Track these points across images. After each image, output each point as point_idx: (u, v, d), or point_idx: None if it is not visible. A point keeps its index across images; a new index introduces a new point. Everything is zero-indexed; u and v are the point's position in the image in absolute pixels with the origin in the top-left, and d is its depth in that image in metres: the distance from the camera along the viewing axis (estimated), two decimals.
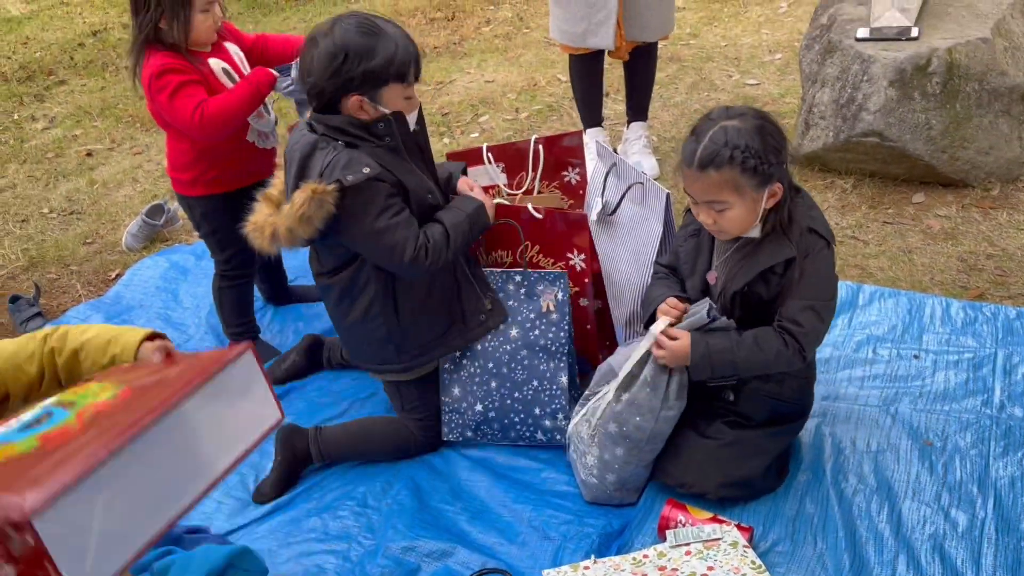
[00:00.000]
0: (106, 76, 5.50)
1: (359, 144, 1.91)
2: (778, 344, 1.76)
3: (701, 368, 1.79)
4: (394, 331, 2.06)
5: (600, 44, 3.19)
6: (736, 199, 1.71)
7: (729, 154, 1.67)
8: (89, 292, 3.17)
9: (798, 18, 4.82)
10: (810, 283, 1.77)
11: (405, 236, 1.91)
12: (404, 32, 1.93)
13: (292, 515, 2.08)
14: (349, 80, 1.86)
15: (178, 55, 2.20)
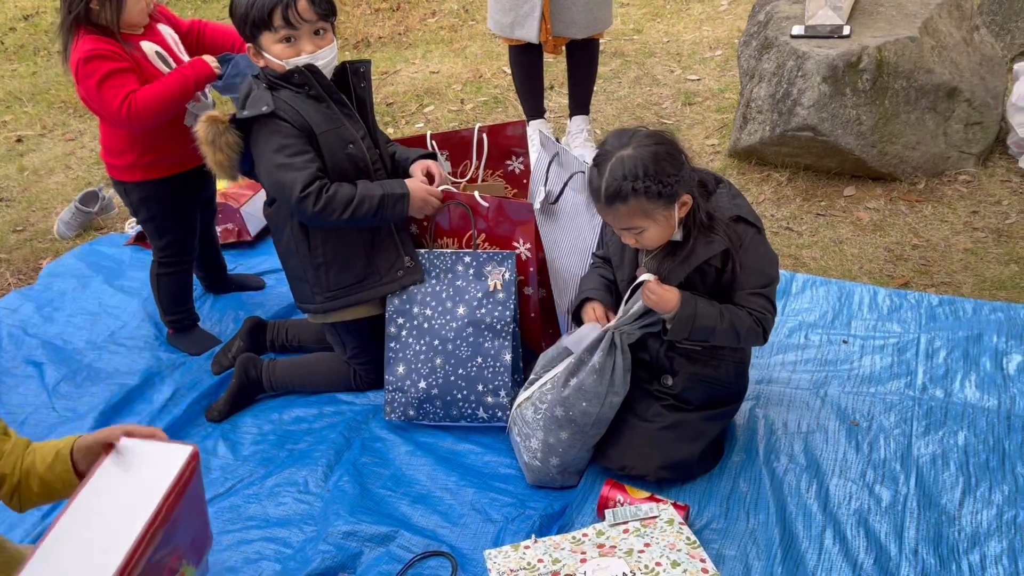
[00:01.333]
0: (37, 61, 5.33)
1: (279, 89, 2.04)
2: (749, 323, 1.83)
3: (682, 325, 1.82)
4: (308, 270, 2.18)
5: (526, 36, 3.22)
6: (648, 223, 1.78)
7: (631, 187, 1.72)
8: (19, 281, 3.09)
9: (738, 16, 4.93)
10: (753, 270, 1.84)
11: (295, 177, 2.00)
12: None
13: (232, 501, 2.06)
14: (240, 30, 2.05)
15: (109, 39, 2.15)
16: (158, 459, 1.33)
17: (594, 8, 3.22)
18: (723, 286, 1.87)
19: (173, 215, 2.43)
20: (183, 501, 1.31)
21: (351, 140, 2.10)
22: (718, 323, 1.82)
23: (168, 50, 2.28)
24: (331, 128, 2.06)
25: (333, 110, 2.08)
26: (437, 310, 2.19)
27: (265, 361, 2.37)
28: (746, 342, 1.89)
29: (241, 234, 3.09)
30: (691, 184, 1.80)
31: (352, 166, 2.10)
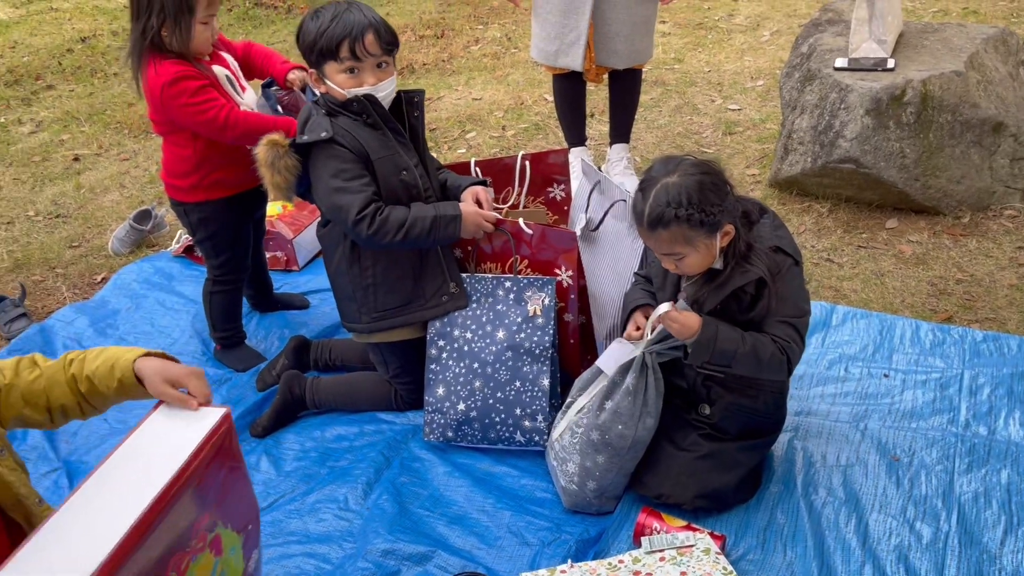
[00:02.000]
0: (95, 82, 5.51)
1: (338, 115, 2.10)
2: (773, 350, 1.82)
3: (703, 348, 1.81)
4: (357, 290, 2.23)
5: (570, 64, 3.27)
6: (689, 250, 1.80)
7: (673, 213, 1.74)
8: (74, 295, 3.19)
9: (780, 47, 4.95)
10: (784, 299, 1.85)
11: (352, 200, 2.06)
12: (350, 14, 2.04)
13: (274, 516, 2.10)
14: (305, 58, 2.11)
15: (187, 63, 2.24)
16: (191, 421, 1.38)
17: (636, 40, 3.26)
18: (756, 315, 1.88)
19: (229, 234, 2.51)
20: (212, 462, 1.35)
21: (404, 167, 2.16)
22: (739, 347, 1.81)
23: (234, 75, 2.37)
24: (386, 155, 2.13)
25: (388, 138, 2.14)
26: (477, 333, 2.23)
27: (309, 379, 2.42)
28: (768, 370, 1.85)
29: (289, 264, 3.18)
30: (734, 214, 1.81)
31: (405, 192, 2.16)
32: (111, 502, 1.20)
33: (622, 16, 3.17)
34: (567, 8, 3.17)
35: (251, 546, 1.51)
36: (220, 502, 1.39)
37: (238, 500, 1.45)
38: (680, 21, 5.56)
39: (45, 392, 1.50)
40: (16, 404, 1.47)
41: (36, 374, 1.51)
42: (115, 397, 1.53)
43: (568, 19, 3.18)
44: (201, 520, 1.33)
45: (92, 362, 1.52)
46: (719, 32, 5.32)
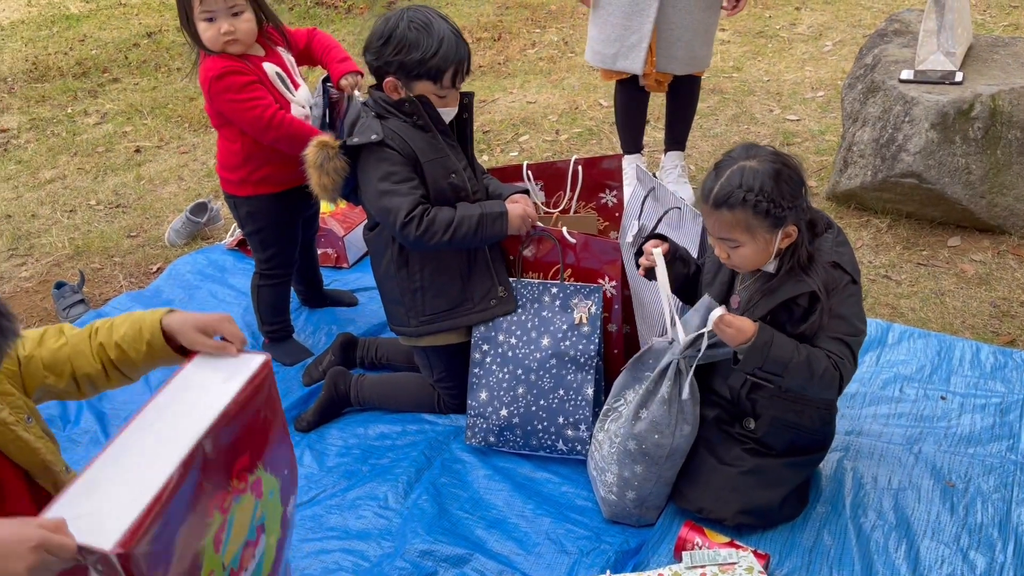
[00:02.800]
0: (158, 76, 5.64)
1: (388, 117, 2.10)
2: (827, 364, 1.76)
3: (756, 354, 1.74)
4: (405, 294, 2.23)
5: (629, 68, 3.22)
6: (747, 239, 1.75)
7: (742, 196, 1.70)
8: (130, 284, 3.26)
9: (843, 57, 4.84)
10: (839, 317, 1.79)
11: (400, 202, 2.06)
12: (455, 38, 2.07)
13: (315, 511, 2.12)
14: (387, 63, 2.07)
15: (233, 58, 2.27)
16: (231, 366, 1.38)
17: (696, 46, 3.21)
18: (807, 330, 1.83)
19: (277, 230, 2.54)
20: (253, 407, 1.35)
21: (453, 170, 2.16)
22: (794, 356, 1.74)
23: (287, 72, 2.39)
24: (436, 157, 2.13)
25: (438, 140, 2.14)
26: (522, 339, 2.22)
27: (354, 376, 2.44)
28: (820, 386, 1.78)
29: (339, 260, 3.21)
30: (802, 218, 1.77)
31: (454, 194, 2.16)
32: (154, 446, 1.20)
33: (685, 21, 3.12)
34: (631, 10, 3.13)
35: (288, 491, 1.52)
36: (260, 446, 1.39)
37: (276, 445, 1.46)
38: (740, 29, 5.48)
39: (69, 360, 1.50)
40: (39, 374, 1.48)
41: (61, 342, 1.51)
42: (145, 362, 1.52)
43: (631, 21, 3.14)
44: (242, 462, 1.33)
45: (119, 328, 1.51)
46: (780, 41, 5.24)
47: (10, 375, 1.45)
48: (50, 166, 4.37)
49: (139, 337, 1.49)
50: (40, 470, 1.43)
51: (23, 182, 4.20)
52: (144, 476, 1.13)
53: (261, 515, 1.41)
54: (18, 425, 1.40)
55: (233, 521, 1.30)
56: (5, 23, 7.08)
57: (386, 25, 2.06)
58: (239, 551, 1.33)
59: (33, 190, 4.10)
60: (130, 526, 1.06)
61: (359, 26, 6.41)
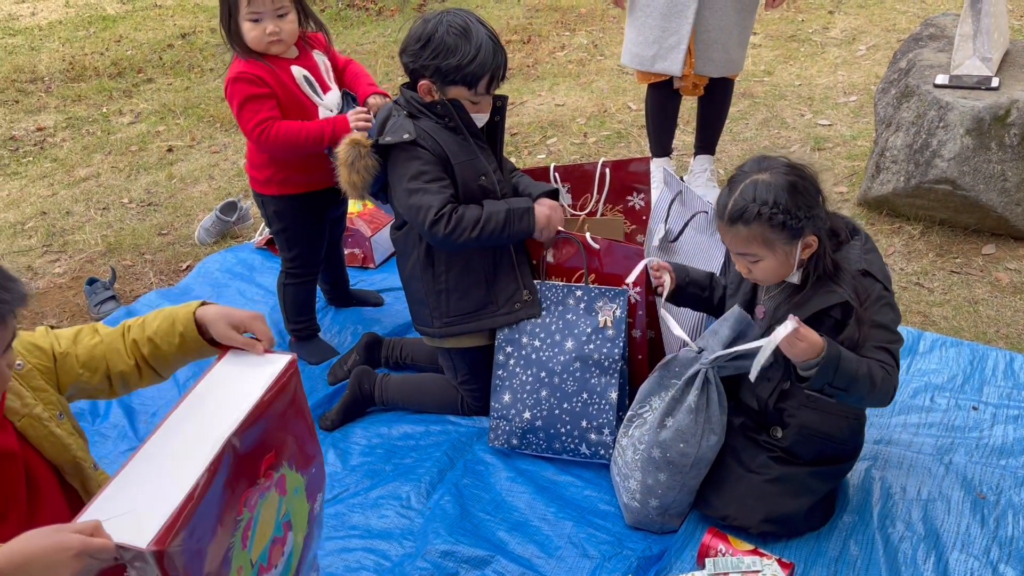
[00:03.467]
0: (191, 77, 5.71)
1: (420, 117, 2.10)
2: (883, 374, 1.71)
3: (829, 369, 1.65)
4: (430, 294, 2.22)
5: (668, 69, 3.20)
6: (766, 252, 1.73)
7: (757, 210, 1.68)
8: (160, 281, 3.29)
9: (876, 61, 4.79)
10: (878, 326, 1.76)
11: (430, 202, 2.06)
12: (493, 45, 2.06)
13: (338, 509, 2.13)
14: (424, 67, 2.07)
15: (258, 62, 2.29)
16: (257, 366, 1.40)
17: (732, 49, 3.19)
18: (845, 342, 1.80)
19: (303, 230, 2.55)
20: (279, 406, 1.36)
21: (483, 172, 2.16)
22: (859, 368, 1.67)
23: (317, 76, 2.39)
24: (466, 159, 2.13)
25: (468, 142, 2.14)
26: (546, 342, 2.21)
27: (379, 376, 2.44)
28: (878, 397, 1.73)
29: (366, 261, 3.23)
30: (821, 227, 1.74)
31: (483, 196, 2.16)
32: (185, 445, 1.23)
33: (722, 23, 3.10)
34: (669, 11, 3.11)
35: (314, 488, 1.54)
36: (285, 443, 1.41)
37: (302, 442, 1.47)
38: (772, 33, 5.44)
39: (104, 358, 1.52)
40: (73, 371, 1.51)
41: (96, 340, 1.53)
42: (177, 356, 1.54)
43: (670, 22, 3.12)
44: (268, 459, 1.35)
45: (151, 324, 1.53)
46: (812, 45, 5.18)
47: (44, 372, 1.47)
48: (85, 164, 4.44)
49: (172, 330, 1.51)
50: (71, 466, 1.45)
51: (58, 180, 4.27)
52: (177, 475, 1.16)
53: (286, 512, 1.42)
54: (51, 421, 1.42)
55: (259, 517, 1.31)
56: (43, 24, 7.22)
57: (425, 28, 2.06)
58: (267, 547, 1.34)
59: (68, 187, 4.17)
60: (165, 524, 1.08)
61: (389, 28, 6.44)
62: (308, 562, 1.56)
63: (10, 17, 7.47)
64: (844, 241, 1.80)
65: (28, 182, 4.26)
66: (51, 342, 1.51)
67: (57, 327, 2.97)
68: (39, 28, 7.09)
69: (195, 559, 1.14)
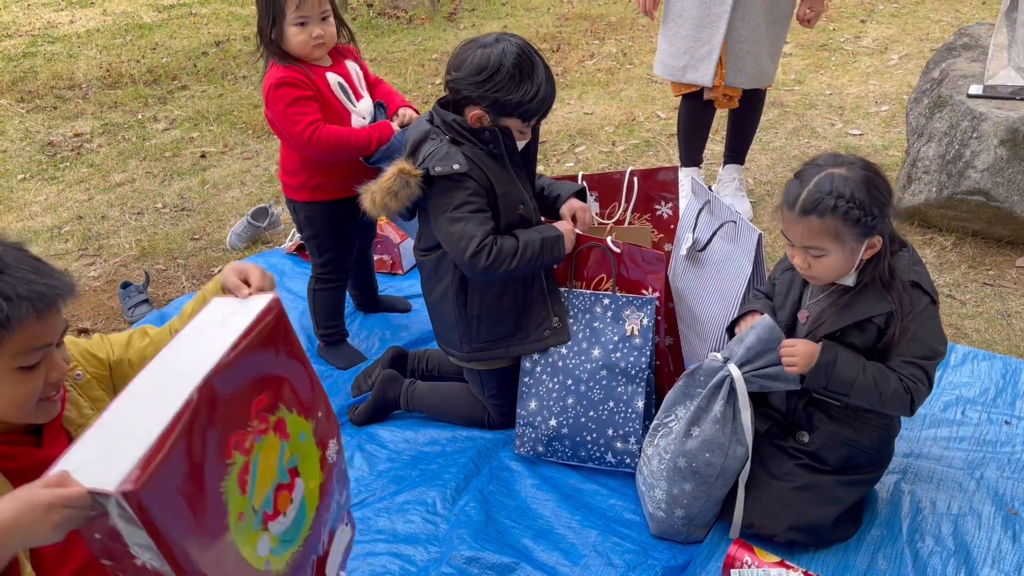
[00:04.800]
0: (225, 84, 5.80)
1: (463, 143, 2.06)
2: (897, 386, 1.73)
3: (820, 373, 1.75)
4: (461, 320, 2.21)
5: (699, 80, 3.19)
6: (834, 247, 1.71)
7: (833, 203, 1.67)
8: (193, 285, 3.34)
9: (908, 71, 4.74)
10: (917, 339, 1.75)
11: (473, 233, 2.04)
12: (550, 79, 2.05)
13: (364, 513, 2.14)
14: (482, 96, 2.02)
15: (296, 67, 2.33)
16: (239, 309, 1.36)
17: (763, 60, 3.17)
18: (881, 349, 1.79)
19: (333, 236, 2.58)
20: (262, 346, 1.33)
21: (522, 200, 2.16)
22: (859, 376, 1.72)
23: (351, 84, 2.43)
24: (509, 189, 2.12)
25: (508, 169, 2.13)
26: (572, 350, 2.21)
27: (405, 383, 2.45)
28: (890, 407, 1.77)
29: (395, 267, 3.26)
30: (886, 230, 1.73)
31: (521, 225, 2.16)
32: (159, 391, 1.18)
33: (755, 34, 3.09)
34: (701, 21, 3.11)
35: (325, 434, 1.50)
36: (278, 386, 1.38)
37: (300, 386, 1.43)
38: (803, 42, 5.41)
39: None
40: (127, 377, 1.51)
41: (146, 342, 1.55)
42: None
43: (701, 33, 3.12)
44: (259, 402, 1.32)
45: (188, 308, 1.55)
46: (843, 54, 5.15)
47: (100, 380, 1.50)
48: (120, 170, 4.52)
49: (202, 301, 1.50)
50: None
51: (94, 184, 4.35)
52: (150, 419, 1.11)
53: (291, 458, 1.39)
54: None
55: (258, 462, 1.28)
56: (81, 31, 7.36)
57: (488, 60, 1.99)
58: (270, 494, 1.32)
59: (104, 192, 4.24)
60: (134, 466, 1.03)
61: (420, 36, 6.49)
62: (334, 514, 1.54)
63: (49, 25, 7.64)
64: (895, 251, 1.80)
65: (65, 187, 4.34)
66: (107, 350, 1.53)
67: (92, 330, 3.03)
68: (77, 36, 7.23)
69: (175, 502, 1.10)
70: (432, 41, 6.34)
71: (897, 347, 1.76)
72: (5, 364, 1.23)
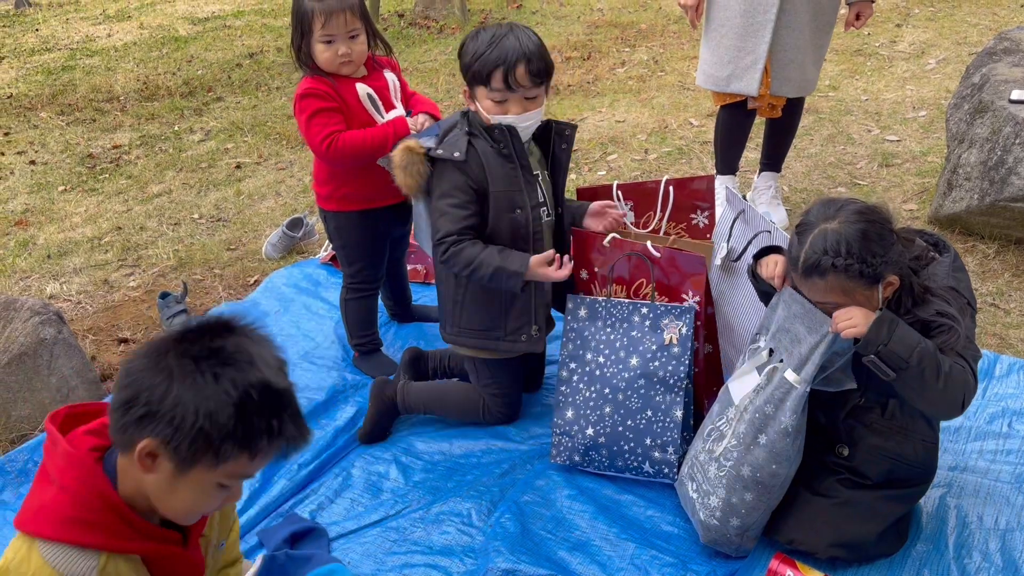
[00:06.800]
0: (259, 95, 5.87)
1: (478, 136, 2.13)
2: (955, 368, 1.64)
3: (882, 330, 1.62)
4: (447, 300, 2.32)
5: (744, 89, 3.15)
6: (847, 300, 1.70)
7: (831, 263, 1.65)
8: (229, 295, 3.38)
9: (947, 75, 4.67)
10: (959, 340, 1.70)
11: (443, 225, 2.13)
12: (514, 41, 2.04)
13: (400, 523, 2.15)
14: (463, 76, 2.14)
15: (324, 79, 2.35)
16: None
17: (808, 69, 3.14)
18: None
19: (363, 246, 2.60)
20: None
21: (520, 206, 2.17)
22: (920, 345, 1.62)
23: (383, 95, 2.44)
24: (506, 189, 2.15)
25: (516, 173, 2.16)
26: (610, 358, 2.20)
27: (400, 384, 2.46)
28: (947, 387, 1.64)
29: (428, 276, 3.28)
30: (901, 264, 1.70)
31: (511, 230, 2.17)
32: None
33: (800, 42, 3.06)
34: (745, 31, 3.07)
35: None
36: None
37: None
38: (837, 47, 5.35)
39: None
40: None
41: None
42: None
43: (746, 42, 3.09)
44: None
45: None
46: (879, 59, 5.09)
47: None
48: (157, 181, 4.58)
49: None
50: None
51: (133, 196, 4.42)
52: None
53: None
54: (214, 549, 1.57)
55: None
56: (119, 45, 7.50)
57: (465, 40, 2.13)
58: None
59: (142, 203, 4.31)
60: None
61: (451, 45, 6.52)
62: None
63: (88, 39, 7.79)
64: (929, 261, 1.76)
65: (105, 198, 4.42)
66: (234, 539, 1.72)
67: (131, 339, 3.07)
68: (115, 49, 7.37)
69: None
70: None
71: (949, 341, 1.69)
72: (215, 478, 1.31)
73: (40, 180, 4.71)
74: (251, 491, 2.25)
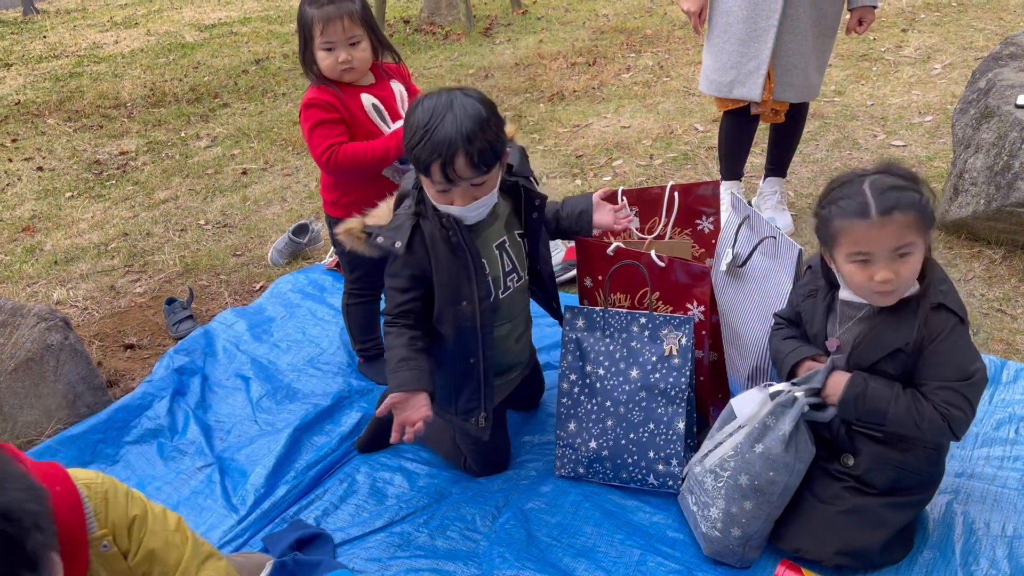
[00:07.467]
0: (265, 101, 5.89)
1: (427, 218, 1.94)
2: (931, 414, 1.71)
3: (849, 406, 1.76)
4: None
5: (747, 95, 3.15)
6: (920, 241, 1.66)
7: (910, 196, 1.64)
8: (235, 300, 3.39)
9: (952, 80, 4.66)
10: (946, 362, 1.71)
11: (387, 303, 2.03)
12: (452, 127, 1.78)
13: (404, 528, 2.15)
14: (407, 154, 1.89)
15: (329, 88, 2.36)
16: None
17: (811, 74, 3.13)
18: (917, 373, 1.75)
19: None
20: None
21: (467, 298, 2.00)
22: (891, 407, 1.72)
23: (389, 105, 2.44)
24: (450, 282, 1.98)
25: (466, 262, 1.98)
26: (611, 370, 2.19)
27: None
28: (929, 435, 1.74)
29: None
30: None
31: (455, 321, 2.02)
32: None
33: (802, 47, 3.06)
34: (748, 36, 3.07)
35: None
36: None
37: None
38: (843, 52, 5.35)
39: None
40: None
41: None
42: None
43: (748, 47, 3.08)
44: None
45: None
46: (885, 64, 5.08)
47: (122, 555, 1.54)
48: (164, 187, 4.60)
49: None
50: None
51: (139, 202, 4.44)
52: None
53: None
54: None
55: None
56: (126, 51, 7.54)
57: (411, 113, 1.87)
58: None
59: (148, 209, 4.33)
60: None
61: (456, 52, 6.54)
62: None
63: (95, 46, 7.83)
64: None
65: (111, 204, 4.43)
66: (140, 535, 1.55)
67: (137, 345, 3.08)
68: (122, 56, 7.40)
69: None
70: (468, 57, 6.38)
71: (929, 371, 1.72)
72: None
73: (47, 186, 4.74)
74: (255, 496, 2.26)
